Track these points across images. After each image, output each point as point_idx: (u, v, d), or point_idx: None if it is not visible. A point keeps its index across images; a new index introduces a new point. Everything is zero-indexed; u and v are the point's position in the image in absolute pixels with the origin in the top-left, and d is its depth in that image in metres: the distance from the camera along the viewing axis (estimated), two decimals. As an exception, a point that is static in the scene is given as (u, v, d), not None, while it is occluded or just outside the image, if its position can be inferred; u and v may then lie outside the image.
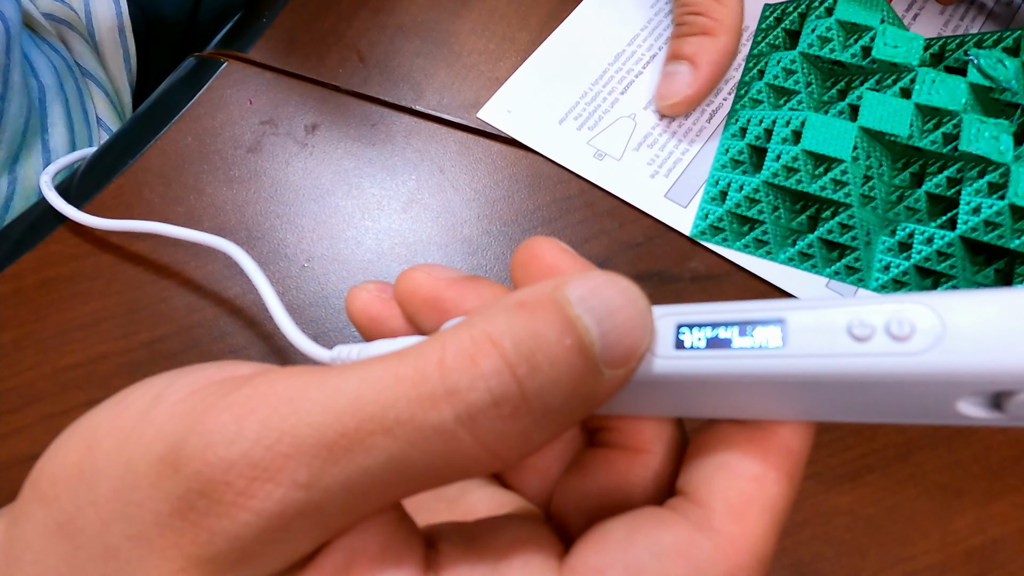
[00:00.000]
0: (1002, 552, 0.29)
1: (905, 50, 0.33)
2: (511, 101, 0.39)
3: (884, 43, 0.34)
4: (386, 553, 0.15)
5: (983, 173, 0.31)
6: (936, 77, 0.33)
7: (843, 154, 0.31)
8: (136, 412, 0.15)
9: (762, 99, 0.36)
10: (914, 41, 0.34)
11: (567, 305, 0.14)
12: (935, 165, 0.32)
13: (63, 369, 0.33)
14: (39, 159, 0.45)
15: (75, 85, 0.48)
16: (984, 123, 0.31)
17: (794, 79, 0.36)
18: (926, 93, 0.32)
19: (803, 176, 0.32)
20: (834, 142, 0.32)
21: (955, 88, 0.32)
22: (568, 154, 0.37)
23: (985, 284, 0.32)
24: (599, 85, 0.39)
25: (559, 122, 0.38)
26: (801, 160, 0.32)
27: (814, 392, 0.15)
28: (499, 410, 0.14)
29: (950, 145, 0.32)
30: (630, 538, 0.16)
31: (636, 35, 0.40)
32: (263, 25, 0.42)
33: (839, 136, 0.32)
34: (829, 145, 0.32)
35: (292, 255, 0.35)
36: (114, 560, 0.14)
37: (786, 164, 0.32)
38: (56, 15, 0.49)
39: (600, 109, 0.38)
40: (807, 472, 0.30)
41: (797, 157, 0.32)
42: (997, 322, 0.13)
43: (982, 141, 0.31)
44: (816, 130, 0.32)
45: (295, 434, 0.14)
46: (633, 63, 0.39)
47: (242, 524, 0.13)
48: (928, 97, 0.32)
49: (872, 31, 0.34)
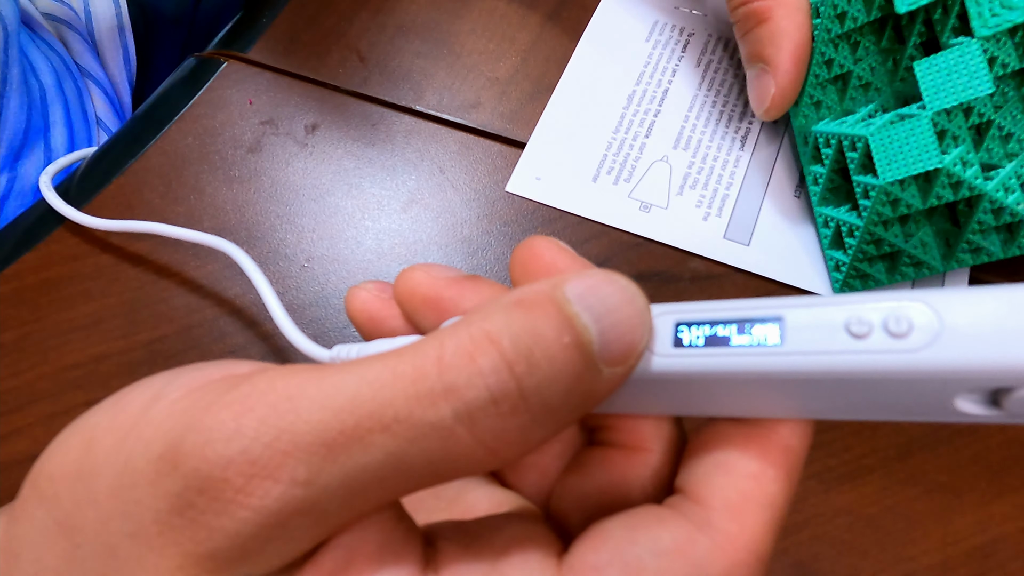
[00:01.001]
0: (1002, 552, 0.29)
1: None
2: (536, 167, 0.37)
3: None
4: (385, 551, 0.15)
5: None
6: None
7: (933, 160, 0.26)
8: (135, 411, 0.15)
9: (819, 99, 0.32)
10: None
11: (565, 303, 0.14)
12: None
13: (63, 369, 0.33)
14: (40, 158, 0.45)
15: (74, 85, 0.48)
16: None
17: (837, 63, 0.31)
18: (991, 16, 0.26)
19: (911, 201, 0.27)
20: (917, 153, 0.27)
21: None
22: (611, 212, 0.35)
23: None
24: (621, 132, 0.37)
25: (593, 180, 0.36)
26: (895, 191, 0.27)
27: (812, 390, 0.15)
28: (497, 408, 0.14)
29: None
30: (629, 536, 0.16)
31: (641, 72, 0.39)
32: (263, 25, 0.42)
33: (917, 143, 0.27)
34: (912, 160, 0.26)
35: (292, 255, 0.35)
36: (113, 558, 0.14)
37: (882, 200, 0.27)
38: (55, 15, 0.49)
39: (631, 158, 0.37)
40: (807, 472, 0.30)
41: (888, 192, 0.27)
42: (994, 319, 0.13)
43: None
44: (887, 151, 0.27)
45: (294, 432, 0.14)
46: (647, 103, 0.38)
47: (241, 521, 0.13)
48: (996, 20, 0.26)
49: None
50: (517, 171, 0.37)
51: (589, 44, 0.40)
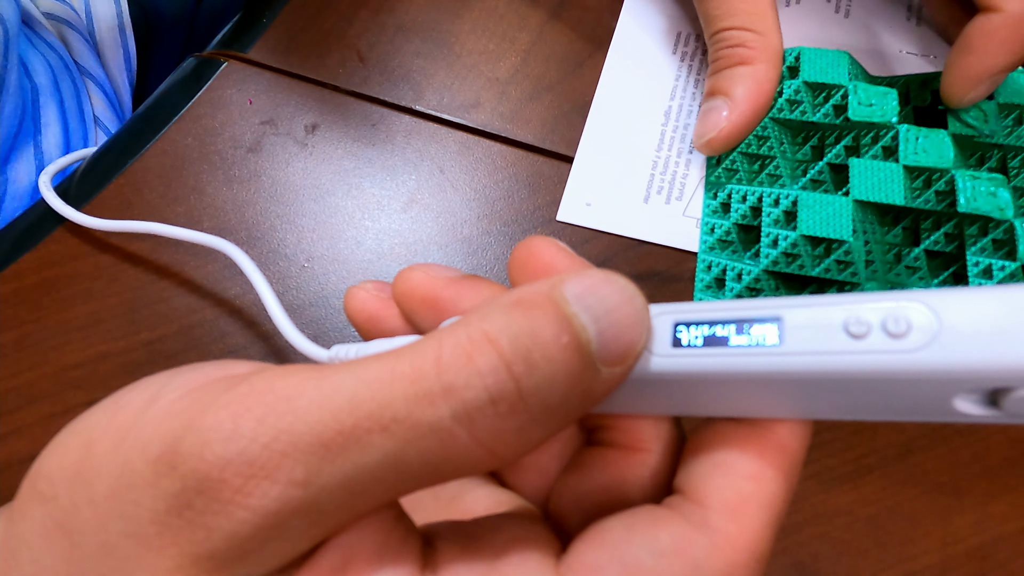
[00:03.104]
0: (1002, 552, 0.29)
1: (880, 108, 0.32)
2: (585, 193, 0.36)
3: (858, 102, 0.32)
4: (383, 551, 0.15)
5: (985, 231, 0.30)
6: (919, 134, 0.31)
7: (844, 234, 0.30)
8: (133, 411, 0.15)
9: (736, 168, 0.34)
10: (888, 96, 0.32)
11: (564, 303, 0.14)
12: (928, 221, 0.31)
13: (63, 369, 0.33)
14: (31, 160, 0.45)
15: (72, 84, 0.48)
16: (978, 179, 0.30)
17: (767, 145, 0.34)
18: (912, 153, 0.31)
19: (805, 261, 0.31)
20: (832, 222, 0.30)
21: (940, 143, 0.31)
22: (669, 233, 0.35)
23: None
24: (664, 150, 0.36)
25: (644, 201, 0.35)
26: (800, 245, 0.30)
27: (811, 390, 0.15)
28: (496, 408, 0.14)
29: (944, 202, 0.30)
30: (627, 536, 0.16)
31: (674, 87, 0.38)
32: (263, 25, 0.42)
33: (836, 214, 0.30)
34: (828, 226, 0.30)
35: (292, 255, 0.35)
36: (111, 558, 0.14)
37: (785, 251, 0.31)
38: (56, 14, 0.49)
39: (679, 175, 0.36)
40: (807, 472, 0.30)
41: (796, 243, 0.30)
42: (993, 319, 0.13)
43: (980, 199, 0.29)
44: (811, 210, 0.30)
45: (292, 432, 0.14)
46: (685, 117, 0.37)
47: (239, 522, 0.13)
48: (915, 158, 0.31)
49: (842, 89, 0.33)
50: (566, 198, 0.36)
51: (616, 63, 0.39)
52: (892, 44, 0.38)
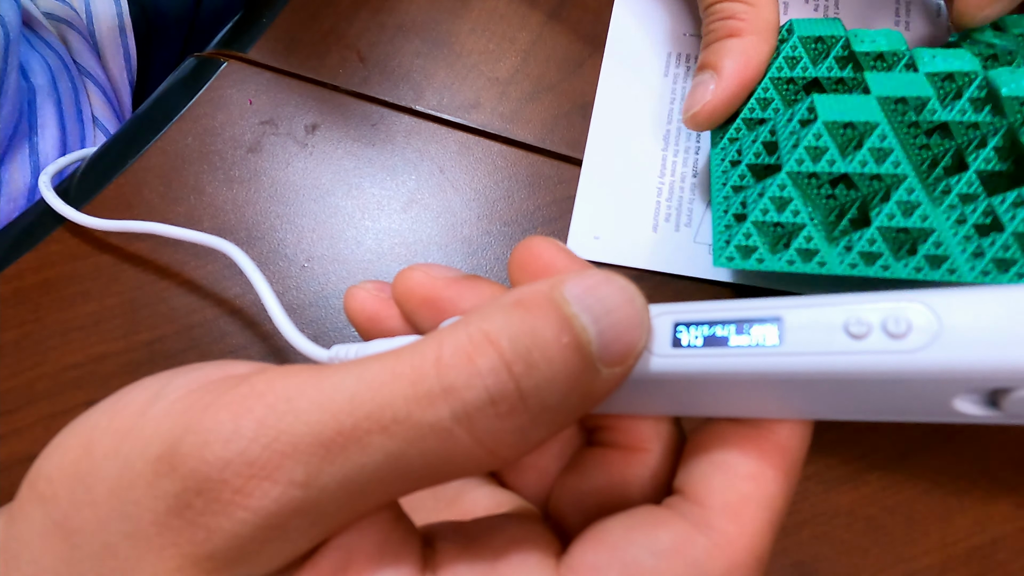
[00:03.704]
0: (1002, 552, 0.29)
1: (887, 40, 0.30)
2: (591, 226, 0.35)
3: (862, 41, 0.30)
4: (383, 552, 0.15)
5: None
6: (936, 53, 0.28)
7: (875, 116, 0.26)
8: (133, 411, 0.15)
9: (740, 136, 0.33)
10: (892, 35, 0.30)
11: (564, 303, 0.14)
12: (969, 133, 0.27)
13: (63, 369, 0.33)
14: (26, 161, 0.44)
15: (70, 83, 0.48)
16: (1017, 72, 0.26)
17: (772, 107, 0.32)
18: (931, 59, 0.28)
19: (833, 155, 0.27)
20: (859, 109, 0.27)
21: (961, 56, 0.28)
22: (679, 261, 0.34)
23: None
24: (667, 176, 0.36)
25: (653, 230, 0.34)
26: (826, 135, 0.27)
27: (811, 390, 0.15)
28: (496, 408, 0.14)
29: (985, 109, 0.27)
30: (627, 536, 0.16)
31: (669, 110, 0.37)
32: (263, 25, 0.42)
33: (861, 106, 0.27)
34: (852, 110, 0.27)
35: (292, 255, 0.35)
36: (112, 559, 0.14)
37: (808, 145, 0.27)
38: (57, 14, 0.49)
39: (685, 200, 0.35)
40: (807, 472, 0.30)
41: (820, 134, 0.27)
42: (993, 320, 0.13)
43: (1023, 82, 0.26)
44: (830, 103, 0.27)
45: (292, 432, 0.14)
46: (685, 140, 0.37)
47: (239, 522, 0.13)
48: (935, 64, 0.28)
49: (841, 39, 0.31)
50: (573, 234, 0.35)
51: (608, 88, 0.38)
52: None
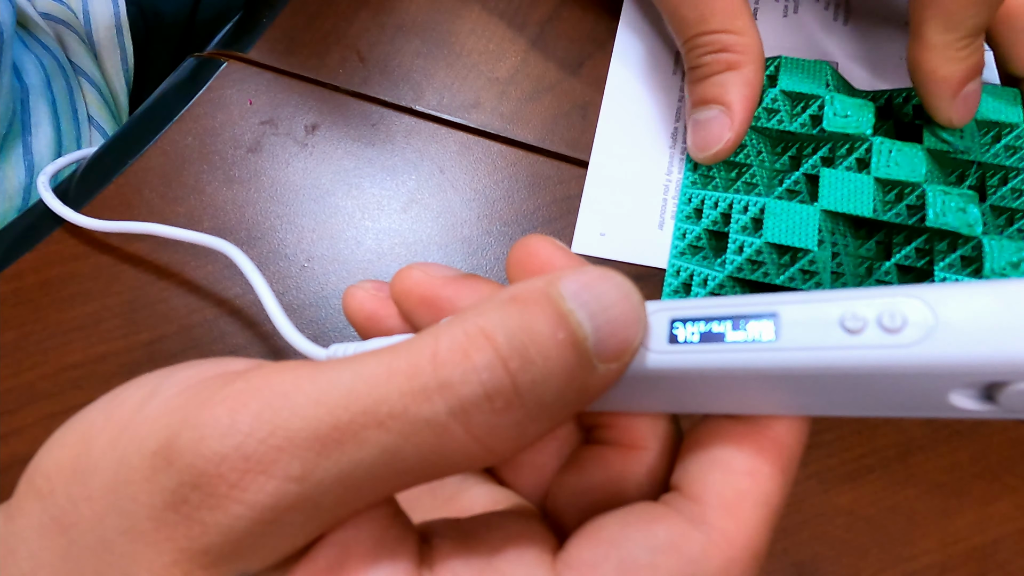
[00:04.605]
0: (1002, 552, 0.29)
1: (856, 119, 0.32)
2: (598, 223, 0.35)
3: (834, 113, 0.32)
4: (380, 547, 0.15)
5: (953, 247, 0.30)
6: (892, 147, 0.31)
7: (809, 243, 0.29)
8: (130, 408, 0.15)
9: (713, 175, 0.34)
10: (864, 108, 0.32)
11: (560, 300, 0.14)
12: (900, 235, 0.31)
13: (63, 369, 0.33)
14: (20, 161, 0.45)
15: (65, 83, 0.48)
16: (949, 194, 0.30)
17: (744, 153, 0.34)
18: (884, 166, 0.31)
19: (769, 268, 0.30)
20: (798, 230, 0.30)
21: (913, 157, 0.31)
22: None
23: None
24: (674, 172, 0.36)
25: (659, 227, 0.35)
26: (765, 252, 0.30)
27: (807, 386, 0.15)
28: (492, 403, 0.14)
29: (915, 216, 0.30)
30: (624, 533, 0.16)
31: (678, 107, 0.38)
32: (263, 25, 0.42)
33: (802, 223, 0.30)
34: (793, 235, 0.30)
35: (292, 255, 0.35)
36: (108, 554, 0.14)
37: (750, 258, 0.30)
38: (53, 14, 0.49)
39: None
40: (807, 472, 0.30)
41: (761, 250, 0.30)
42: (989, 313, 0.13)
43: (949, 214, 0.29)
44: (777, 218, 0.30)
45: (288, 427, 0.14)
46: None
47: (235, 517, 0.14)
48: (887, 170, 0.31)
49: (819, 99, 0.32)
50: (579, 230, 0.35)
51: (616, 84, 0.39)
52: (891, 52, 0.38)
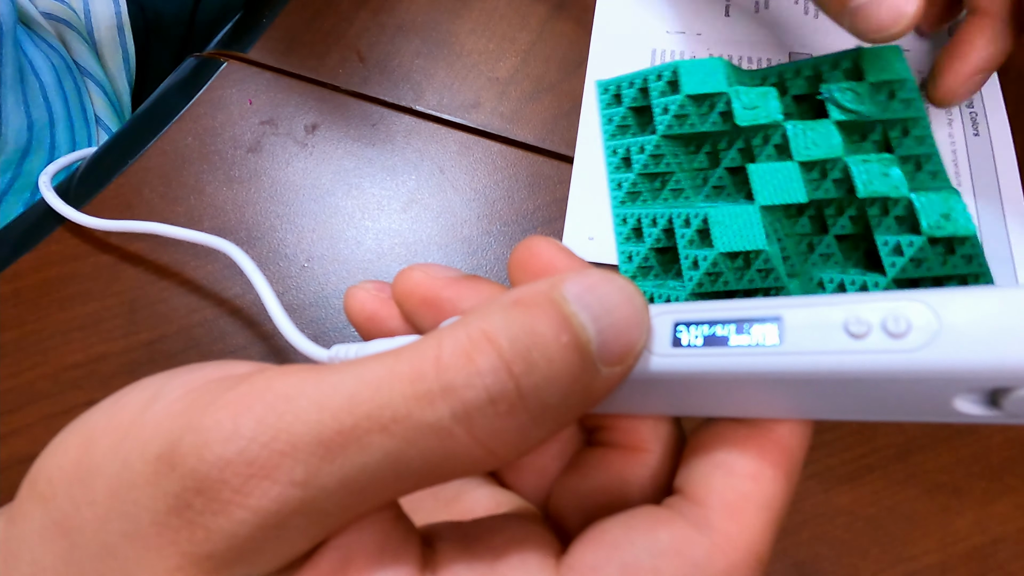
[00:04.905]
0: (1002, 552, 0.29)
1: (764, 109, 0.32)
2: (585, 228, 0.35)
3: (742, 107, 0.32)
4: (383, 551, 0.15)
5: (885, 209, 0.31)
6: (805, 128, 0.32)
7: (760, 243, 0.30)
8: (133, 411, 0.15)
9: (639, 189, 0.35)
10: (768, 96, 0.33)
11: (563, 303, 0.14)
12: (831, 208, 0.32)
13: (63, 369, 0.33)
14: (45, 155, 0.45)
15: (74, 83, 0.48)
16: (868, 162, 0.31)
17: (664, 162, 0.34)
18: (804, 149, 0.31)
19: (728, 277, 0.31)
20: (746, 233, 0.30)
21: (827, 134, 0.32)
22: None
23: None
24: None
25: None
26: (721, 263, 0.30)
27: (811, 390, 0.15)
28: (495, 407, 0.14)
29: (843, 188, 0.31)
30: (627, 536, 0.16)
31: None
32: (263, 25, 0.42)
33: (747, 225, 0.30)
34: (743, 239, 0.30)
35: (292, 255, 0.35)
36: (111, 558, 0.14)
37: (707, 271, 0.31)
38: (55, 14, 0.49)
39: None
40: (807, 472, 0.30)
41: (716, 262, 0.30)
42: (993, 319, 0.13)
43: (875, 181, 0.30)
44: (723, 227, 0.30)
45: (291, 432, 0.14)
46: None
47: (238, 522, 0.13)
48: (808, 152, 0.31)
49: (724, 96, 0.33)
50: (567, 234, 0.35)
51: (594, 87, 0.39)
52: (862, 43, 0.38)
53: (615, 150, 0.36)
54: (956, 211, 0.30)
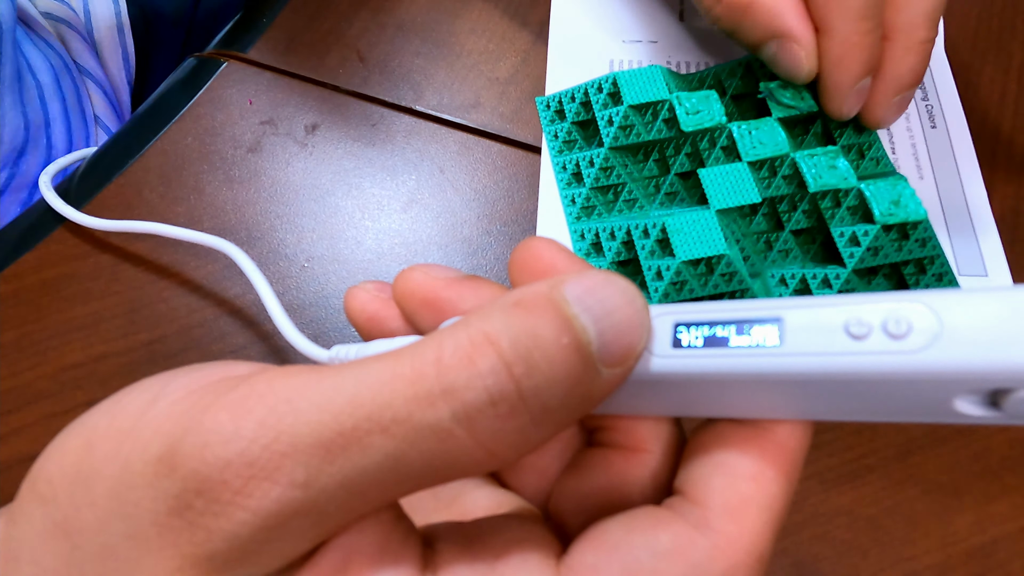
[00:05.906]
0: (1002, 552, 0.29)
1: (708, 112, 0.32)
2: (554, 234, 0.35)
3: (687, 112, 0.32)
4: (383, 552, 0.15)
5: (837, 201, 0.31)
6: (750, 128, 0.32)
7: (720, 248, 0.30)
8: (133, 412, 0.15)
9: (593, 204, 0.34)
10: (710, 99, 0.33)
11: (564, 304, 0.14)
12: (784, 203, 0.32)
13: (63, 369, 0.33)
14: (42, 154, 0.45)
15: (72, 83, 0.48)
16: (815, 155, 0.31)
17: (615, 174, 0.34)
18: (751, 149, 0.32)
19: (692, 284, 0.31)
20: (705, 239, 0.30)
21: (772, 132, 0.32)
22: None
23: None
24: None
25: None
26: (684, 271, 0.30)
27: (811, 391, 0.15)
28: (496, 409, 0.14)
29: (793, 183, 0.32)
30: (627, 537, 0.16)
31: None
32: (263, 25, 0.42)
33: (706, 230, 0.30)
34: (703, 245, 0.30)
35: (292, 255, 0.35)
36: (112, 559, 0.14)
37: (672, 281, 0.30)
38: (55, 14, 0.49)
39: None
40: (807, 472, 0.30)
41: (679, 271, 0.30)
42: (994, 320, 0.13)
43: (825, 174, 0.31)
44: (682, 235, 0.30)
45: (292, 433, 0.14)
46: None
47: (239, 523, 0.13)
48: (756, 151, 0.31)
49: (666, 102, 0.33)
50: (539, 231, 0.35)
51: (555, 82, 0.38)
52: None
53: (564, 165, 0.36)
54: (905, 196, 0.30)
